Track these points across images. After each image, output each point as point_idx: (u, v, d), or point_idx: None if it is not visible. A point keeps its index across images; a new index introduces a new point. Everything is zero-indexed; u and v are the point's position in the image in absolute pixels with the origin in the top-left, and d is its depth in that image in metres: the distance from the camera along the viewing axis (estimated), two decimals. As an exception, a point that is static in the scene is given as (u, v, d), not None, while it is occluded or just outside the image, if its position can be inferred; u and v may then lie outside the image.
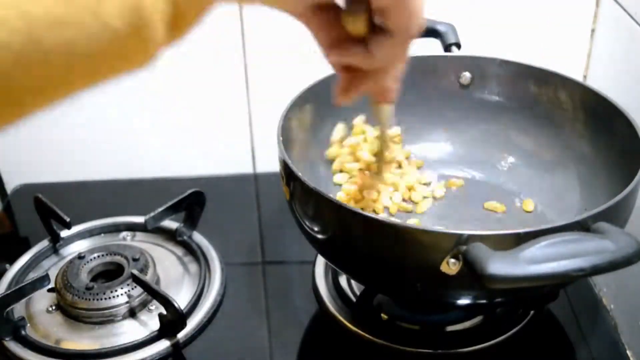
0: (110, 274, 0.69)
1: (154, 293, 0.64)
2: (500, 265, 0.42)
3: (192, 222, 0.76)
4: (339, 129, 0.72)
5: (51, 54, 0.25)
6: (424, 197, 0.71)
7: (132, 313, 0.66)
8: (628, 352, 0.63)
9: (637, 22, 0.69)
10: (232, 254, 0.75)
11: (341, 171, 0.70)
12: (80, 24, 0.25)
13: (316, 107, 0.68)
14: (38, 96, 0.27)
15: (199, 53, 0.82)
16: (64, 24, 0.25)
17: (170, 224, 0.76)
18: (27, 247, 0.76)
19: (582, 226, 0.47)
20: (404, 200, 0.71)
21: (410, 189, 0.71)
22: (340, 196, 0.68)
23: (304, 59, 0.78)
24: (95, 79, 0.28)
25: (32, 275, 0.69)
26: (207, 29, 0.36)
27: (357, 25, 0.43)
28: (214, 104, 0.87)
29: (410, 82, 0.74)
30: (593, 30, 0.82)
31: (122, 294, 0.65)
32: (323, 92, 0.68)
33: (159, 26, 0.28)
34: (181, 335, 0.64)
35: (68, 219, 0.73)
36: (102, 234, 0.78)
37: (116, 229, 0.79)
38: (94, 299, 0.65)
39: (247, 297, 0.71)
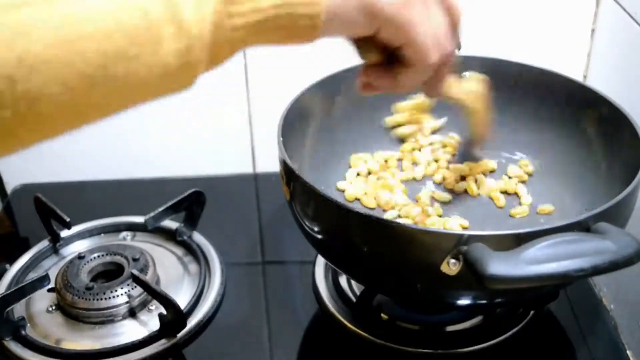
0: (110, 274, 0.69)
1: (154, 293, 0.64)
2: (500, 265, 0.42)
3: (192, 222, 0.76)
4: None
5: (116, 81, 0.32)
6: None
7: (132, 313, 0.66)
8: (628, 352, 0.63)
9: (637, 22, 0.69)
10: (232, 254, 0.75)
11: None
12: (143, 59, 0.33)
13: (316, 106, 0.68)
14: (98, 111, 0.34)
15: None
16: (130, 59, 0.32)
17: (170, 224, 0.76)
18: (27, 247, 0.76)
19: (582, 226, 0.47)
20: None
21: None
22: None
23: (304, 59, 0.79)
24: (144, 100, 0.35)
25: (32, 275, 0.69)
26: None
27: (370, 59, 0.46)
28: (214, 103, 0.87)
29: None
30: (593, 30, 0.82)
31: (122, 294, 0.65)
32: (323, 92, 0.69)
33: (204, 63, 0.36)
34: (181, 335, 0.64)
35: (68, 219, 0.73)
36: (102, 234, 0.78)
37: (116, 229, 0.79)
38: (94, 299, 0.65)
39: (247, 297, 0.71)
